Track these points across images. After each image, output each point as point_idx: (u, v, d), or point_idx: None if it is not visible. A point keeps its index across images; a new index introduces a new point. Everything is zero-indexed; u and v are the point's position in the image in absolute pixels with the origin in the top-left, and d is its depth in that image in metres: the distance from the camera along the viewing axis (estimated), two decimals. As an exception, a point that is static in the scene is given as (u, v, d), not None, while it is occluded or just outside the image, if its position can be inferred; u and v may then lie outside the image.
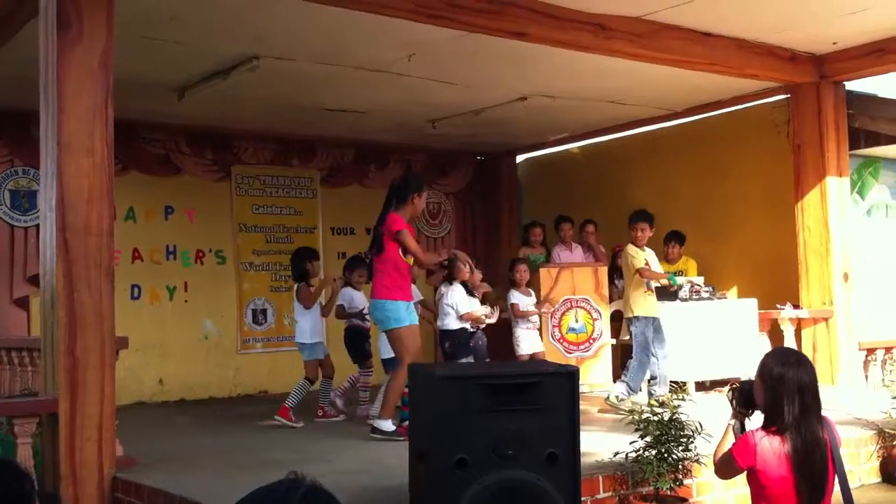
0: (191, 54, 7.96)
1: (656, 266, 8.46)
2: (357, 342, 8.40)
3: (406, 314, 6.76)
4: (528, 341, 8.74)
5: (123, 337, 5.95)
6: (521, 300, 8.78)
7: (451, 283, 7.94)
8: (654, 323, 8.19)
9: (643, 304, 8.16)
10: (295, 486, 1.39)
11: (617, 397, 7.97)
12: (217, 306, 10.97)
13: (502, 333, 8.91)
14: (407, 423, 6.57)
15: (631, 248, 8.27)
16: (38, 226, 9.15)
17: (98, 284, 5.54)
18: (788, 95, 9.78)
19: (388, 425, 6.75)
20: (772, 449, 3.69)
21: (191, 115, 9.97)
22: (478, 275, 8.46)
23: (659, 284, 8.50)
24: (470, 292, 8.11)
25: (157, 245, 10.66)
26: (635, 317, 8.16)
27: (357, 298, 8.39)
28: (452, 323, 7.85)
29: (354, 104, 9.89)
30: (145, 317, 10.30)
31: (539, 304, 8.99)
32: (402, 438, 6.48)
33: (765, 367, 3.78)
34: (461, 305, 7.88)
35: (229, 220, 11.16)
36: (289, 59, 8.11)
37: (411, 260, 6.84)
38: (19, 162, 9.72)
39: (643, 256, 8.22)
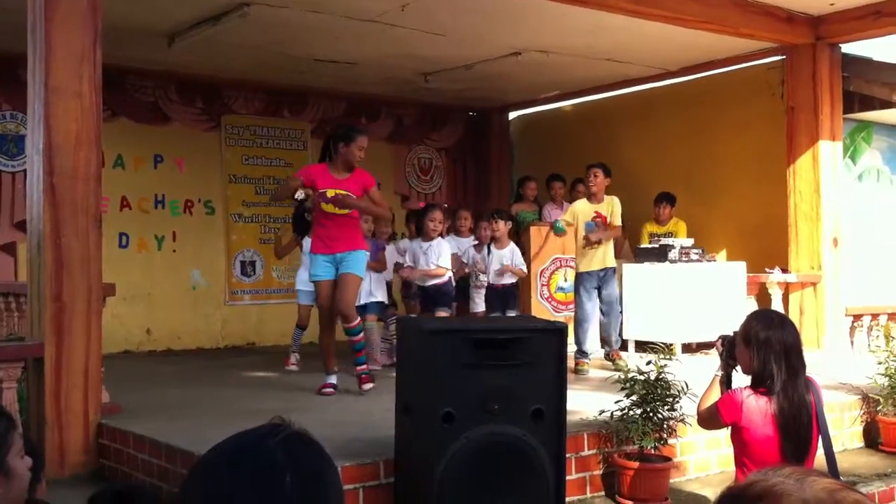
0: (180, 0, 7.85)
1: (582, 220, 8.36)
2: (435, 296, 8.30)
3: (315, 268, 6.76)
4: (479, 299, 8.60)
5: (110, 284, 5.92)
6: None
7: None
8: (599, 276, 8.15)
9: (580, 260, 8.21)
10: (275, 431, 1.35)
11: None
12: (205, 257, 10.94)
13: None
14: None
15: (571, 206, 8.53)
16: (25, 171, 9.08)
17: (85, 230, 5.49)
18: (784, 56, 9.73)
19: (332, 378, 6.84)
20: (758, 407, 3.71)
21: (181, 63, 9.86)
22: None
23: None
24: None
25: (146, 194, 10.58)
26: (577, 273, 8.27)
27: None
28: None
29: (345, 55, 9.79)
30: (133, 266, 10.25)
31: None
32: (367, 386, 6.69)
33: (749, 330, 3.79)
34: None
35: (219, 170, 11.08)
36: (279, 6, 8.01)
37: (330, 207, 6.61)
38: (7, 106, 9.61)
39: (570, 213, 8.33)
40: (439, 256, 7.84)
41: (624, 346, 9.32)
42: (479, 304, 8.52)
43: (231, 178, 11.16)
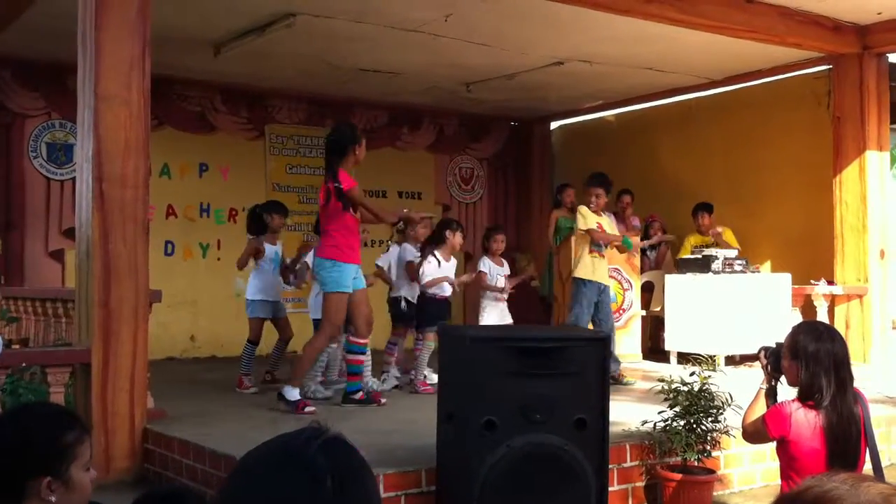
0: (227, 10, 7.95)
1: (611, 231, 8.25)
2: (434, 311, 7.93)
3: (350, 279, 6.36)
4: (491, 313, 8.07)
5: (157, 290, 5.99)
6: (491, 270, 8.16)
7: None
8: (600, 289, 7.95)
9: (586, 267, 7.95)
10: (316, 435, 1.36)
11: None
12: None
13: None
14: (305, 399, 6.43)
15: (582, 209, 8.08)
16: (73, 179, 9.23)
17: (133, 237, 5.57)
18: (830, 66, 9.62)
19: (292, 394, 6.37)
20: (806, 421, 3.65)
21: (226, 72, 9.98)
22: (458, 238, 7.91)
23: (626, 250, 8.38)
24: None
25: (192, 202, 10.70)
26: (577, 278, 7.97)
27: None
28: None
29: (388, 65, 9.84)
30: (178, 273, 10.35)
31: (510, 277, 8.29)
32: (311, 409, 6.27)
33: (797, 343, 3.72)
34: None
35: (263, 179, 11.17)
36: (325, 16, 8.07)
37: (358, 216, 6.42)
38: (56, 115, 9.77)
39: (595, 219, 8.02)
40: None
41: (666, 358, 9.28)
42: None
43: (275, 186, 11.24)
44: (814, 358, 3.66)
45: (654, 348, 10.08)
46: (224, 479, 1.34)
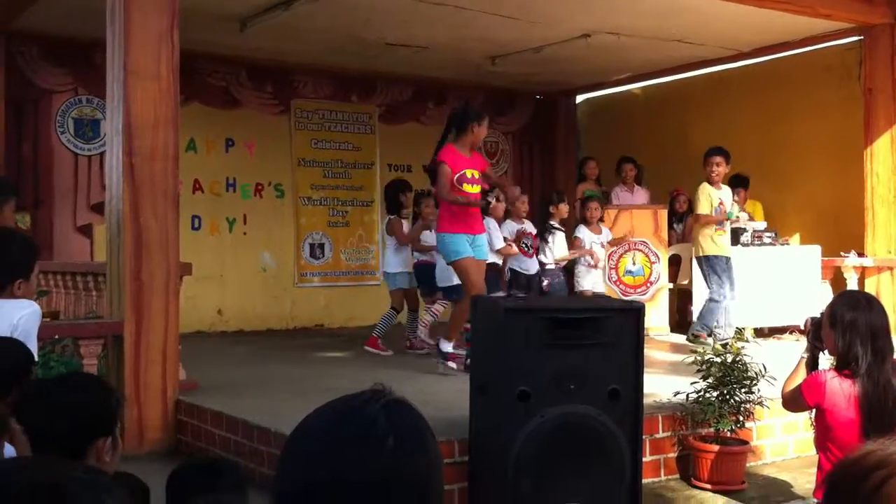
0: (254, -16, 7.94)
1: (729, 204, 8.34)
2: (424, 277, 8.37)
3: (464, 246, 6.64)
4: (587, 279, 8.81)
5: (187, 263, 6.03)
6: (587, 237, 8.82)
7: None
8: (727, 263, 8.16)
9: (710, 244, 8.11)
10: (376, 397, 1.35)
11: (694, 335, 7.98)
12: (275, 239, 11.06)
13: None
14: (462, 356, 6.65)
15: (702, 187, 8.27)
16: (101, 154, 9.27)
17: (164, 210, 5.60)
18: (861, 37, 9.49)
19: (445, 346, 6.91)
20: (841, 389, 3.64)
21: (252, 48, 9.95)
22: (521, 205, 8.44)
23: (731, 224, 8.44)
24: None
25: (218, 177, 10.72)
26: (703, 257, 8.14)
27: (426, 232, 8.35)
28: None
29: (415, 39, 9.79)
30: (205, 248, 10.38)
31: (608, 243, 9.06)
32: (452, 365, 6.74)
33: (835, 312, 3.71)
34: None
35: (288, 154, 11.18)
36: (351, -11, 8.04)
37: (476, 188, 6.67)
38: (83, 90, 9.79)
39: (710, 198, 8.14)
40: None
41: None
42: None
43: (300, 161, 11.25)
44: (850, 326, 3.64)
45: (681, 321, 10.04)
46: (285, 441, 1.34)
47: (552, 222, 8.75)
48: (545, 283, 8.45)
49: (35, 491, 1.17)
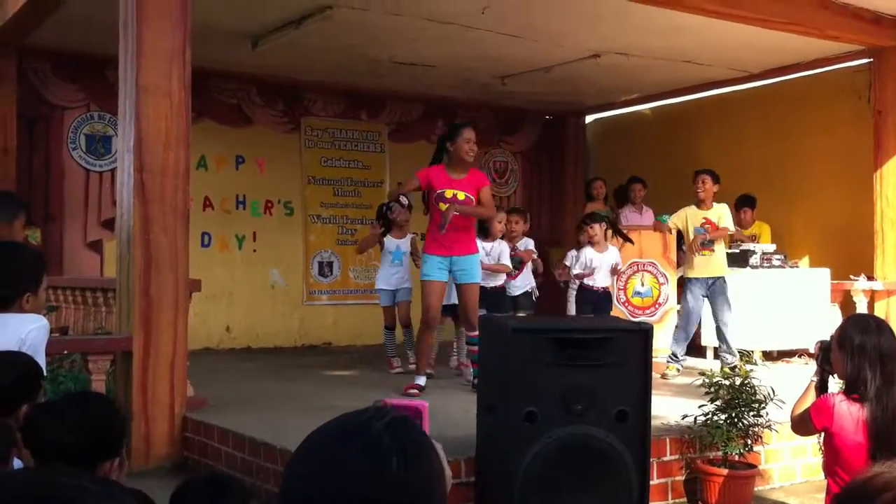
0: (265, 2, 7.97)
1: (729, 223, 8.29)
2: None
3: (431, 268, 6.65)
4: (571, 298, 8.50)
5: (196, 280, 6.04)
6: (586, 256, 8.48)
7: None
8: (711, 285, 8.04)
9: (688, 266, 8.16)
10: (380, 414, 1.36)
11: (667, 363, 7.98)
12: (284, 257, 11.08)
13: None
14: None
15: (687, 211, 8.33)
16: (112, 171, 9.31)
17: (174, 226, 5.61)
18: (870, 59, 9.49)
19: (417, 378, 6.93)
20: (849, 413, 3.62)
21: (263, 65, 10.01)
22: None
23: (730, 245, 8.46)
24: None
25: (228, 194, 10.76)
26: (685, 277, 8.21)
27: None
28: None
29: (424, 57, 9.83)
30: (215, 265, 10.40)
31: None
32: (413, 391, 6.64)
33: (844, 335, 3.70)
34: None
35: (298, 171, 11.22)
36: (361, 8, 8.07)
37: (443, 206, 6.58)
38: (95, 107, 9.84)
39: (679, 217, 8.26)
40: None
41: (702, 353, 9.20)
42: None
43: (310, 179, 11.29)
44: (859, 350, 3.63)
45: (690, 343, 9.99)
46: (289, 458, 1.34)
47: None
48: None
49: (48, 501, 1.17)
